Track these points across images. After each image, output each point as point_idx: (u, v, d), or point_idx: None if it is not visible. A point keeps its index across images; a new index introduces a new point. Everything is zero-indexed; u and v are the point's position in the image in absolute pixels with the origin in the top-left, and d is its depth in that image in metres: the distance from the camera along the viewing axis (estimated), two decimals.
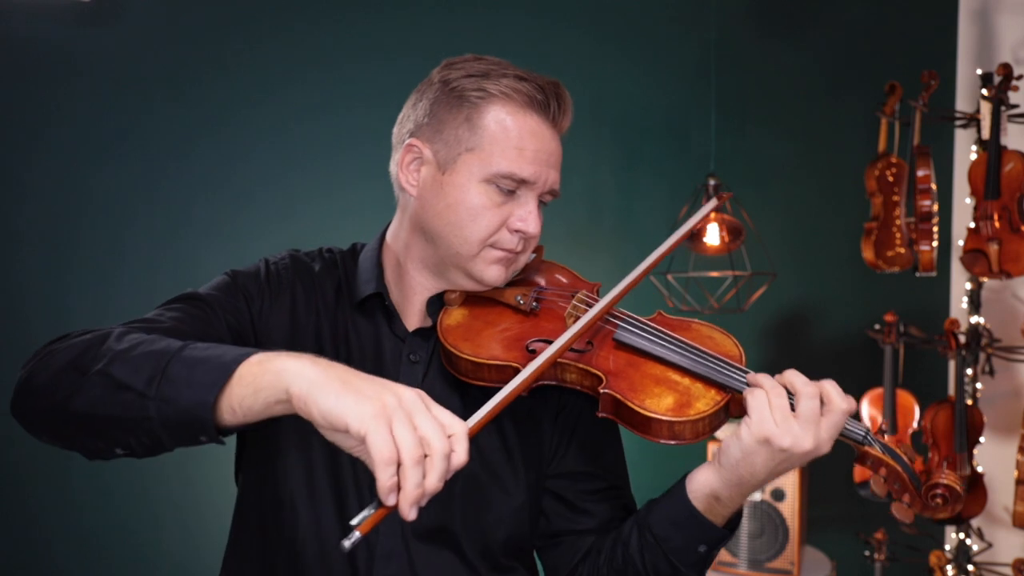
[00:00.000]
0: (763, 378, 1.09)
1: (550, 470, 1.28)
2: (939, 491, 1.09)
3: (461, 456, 0.91)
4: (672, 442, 1.12)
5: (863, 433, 1.12)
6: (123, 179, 2.88)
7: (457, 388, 1.24)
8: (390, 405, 0.88)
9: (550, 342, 1.17)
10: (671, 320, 1.27)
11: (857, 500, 2.97)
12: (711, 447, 2.90)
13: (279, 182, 2.92)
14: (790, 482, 2.85)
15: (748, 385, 1.11)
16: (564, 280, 1.33)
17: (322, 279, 1.30)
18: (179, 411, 0.93)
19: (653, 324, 1.22)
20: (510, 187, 1.19)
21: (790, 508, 2.85)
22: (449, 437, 0.90)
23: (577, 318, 1.21)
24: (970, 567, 2.81)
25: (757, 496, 2.88)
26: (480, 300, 1.27)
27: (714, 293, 2.86)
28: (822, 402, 1.08)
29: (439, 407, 0.93)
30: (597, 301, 1.23)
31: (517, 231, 1.21)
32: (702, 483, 1.14)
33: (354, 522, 0.88)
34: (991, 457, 2.95)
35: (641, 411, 1.11)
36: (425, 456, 0.88)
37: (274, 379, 0.91)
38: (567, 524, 1.28)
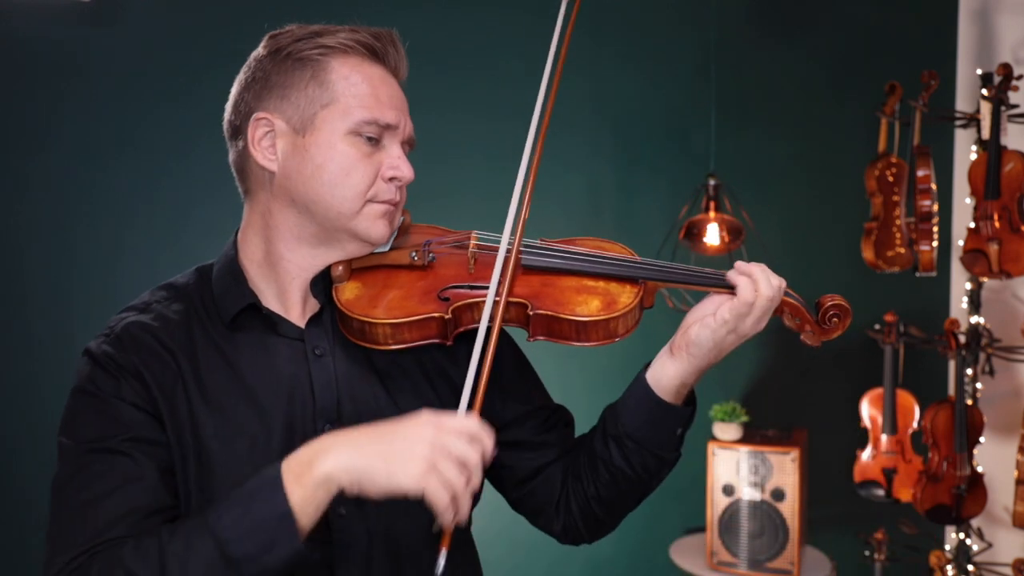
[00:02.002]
0: (762, 285, 1.19)
1: (496, 421, 1.26)
2: (831, 312, 1.23)
3: (490, 447, 1.02)
4: (607, 341, 1.19)
5: None
6: (124, 179, 2.88)
7: (368, 366, 1.22)
8: (428, 456, 0.98)
9: (461, 287, 1.20)
10: (558, 242, 1.30)
11: (857, 500, 2.97)
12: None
13: None
14: (790, 482, 2.85)
15: (730, 280, 1.19)
16: (442, 233, 1.32)
17: (169, 331, 1.17)
18: (283, 566, 0.98)
19: (550, 245, 1.27)
20: (375, 134, 1.17)
21: (790, 508, 2.85)
22: (472, 440, 1.01)
23: (476, 258, 1.23)
24: (970, 567, 2.81)
25: (757, 496, 2.88)
26: (368, 270, 1.23)
27: None
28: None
29: (451, 418, 1.02)
30: (493, 238, 1.26)
31: (392, 179, 1.19)
32: (671, 377, 1.20)
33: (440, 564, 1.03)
34: (991, 457, 2.95)
35: (575, 319, 1.16)
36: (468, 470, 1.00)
37: (325, 490, 0.99)
38: (532, 463, 1.32)
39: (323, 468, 0.98)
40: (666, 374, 1.20)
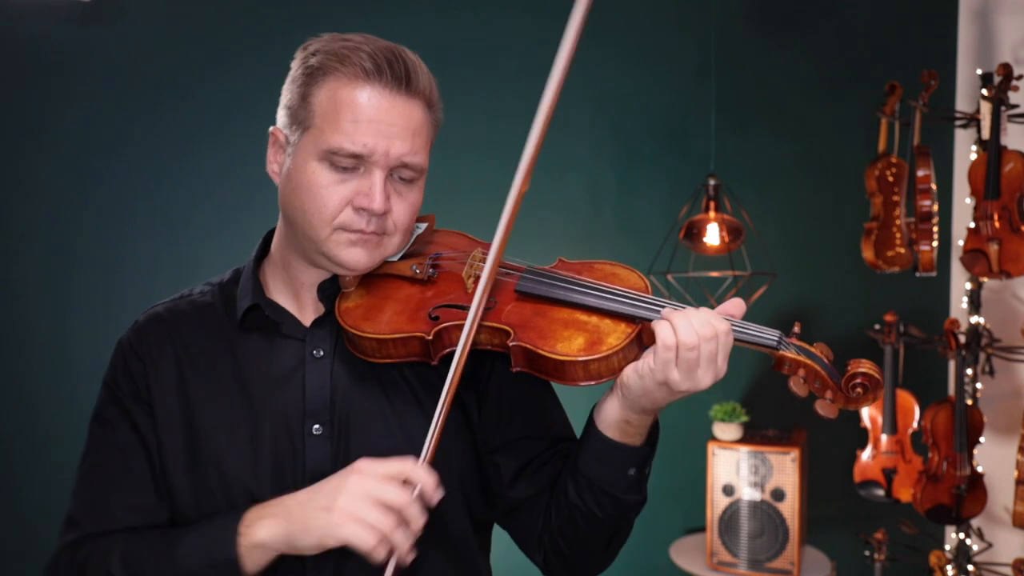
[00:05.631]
0: (681, 332, 1.05)
1: (489, 443, 1.25)
2: (859, 380, 1.08)
3: (429, 486, 1.05)
4: (592, 382, 1.10)
5: (776, 339, 1.10)
6: (123, 179, 2.88)
7: (369, 372, 1.22)
8: (348, 507, 1.03)
9: (452, 306, 1.15)
10: (573, 264, 1.23)
11: (857, 500, 2.97)
12: None
13: None
14: (790, 482, 2.85)
15: (658, 317, 1.08)
16: (459, 243, 1.28)
17: (197, 317, 1.26)
18: None
19: (554, 270, 1.19)
20: (345, 164, 1.14)
21: (790, 508, 2.85)
22: (407, 483, 1.05)
23: (476, 277, 1.17)
24: (970, 567, 2.81)
25: (757, 496, 2.88)
26: (375, 277, 1.22)
27: (714, 293, 2.86)
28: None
29: (385, 463, 1.06)
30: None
31: (361, 208, 1.14)
32: (610, 414, 1.13)
33: None
34: (991, 457, 2.95)
35: (553, 356, 1.08)
36: (401, 514, 1.03)
37: (260, 553, 1.08)
38: (522, 492, 1.25)
39: (258, 536, 1.08)
40: (607, 410, 1.13)
